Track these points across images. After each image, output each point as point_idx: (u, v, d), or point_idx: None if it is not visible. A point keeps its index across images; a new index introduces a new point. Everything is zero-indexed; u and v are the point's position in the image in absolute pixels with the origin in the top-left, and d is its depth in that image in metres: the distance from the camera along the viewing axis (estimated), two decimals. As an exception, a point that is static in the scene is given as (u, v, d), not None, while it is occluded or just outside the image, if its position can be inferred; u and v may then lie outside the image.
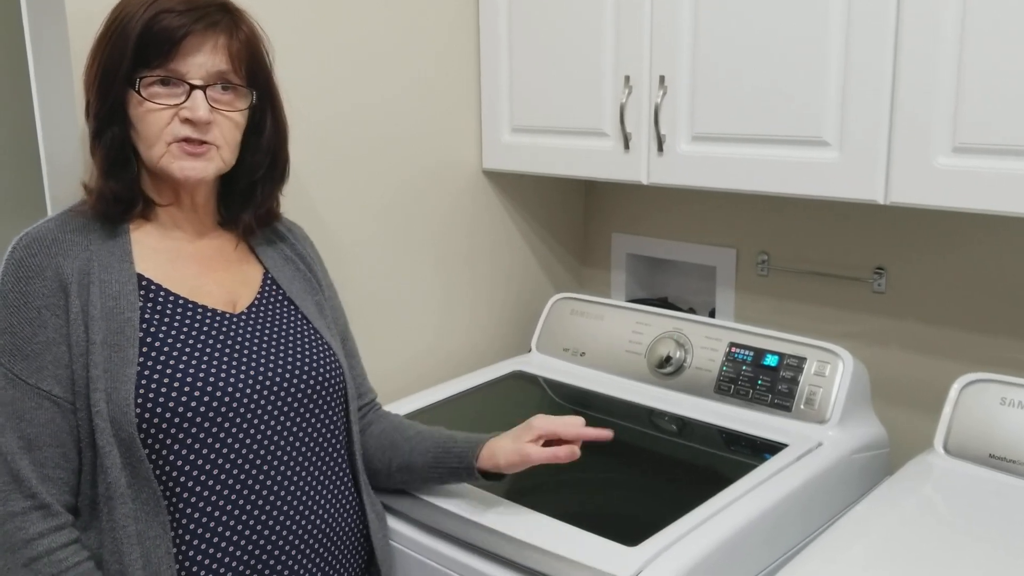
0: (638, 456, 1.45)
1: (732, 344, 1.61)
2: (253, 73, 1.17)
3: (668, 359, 1.66)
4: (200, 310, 1.15)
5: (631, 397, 1.65)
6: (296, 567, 1.15)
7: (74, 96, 1.28)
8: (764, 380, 1.55)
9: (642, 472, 1.40)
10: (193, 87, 1.09)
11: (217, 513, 1.09)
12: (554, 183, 2.06)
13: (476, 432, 1.27)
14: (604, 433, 1.19)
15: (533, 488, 1.31)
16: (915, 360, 1.66)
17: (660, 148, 1.58)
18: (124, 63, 1.08)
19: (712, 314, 1.94)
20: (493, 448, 1.20)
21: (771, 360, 1.56)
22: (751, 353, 1.59)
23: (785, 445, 1.43)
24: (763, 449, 1.43)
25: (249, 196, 1.24)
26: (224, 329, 1.15)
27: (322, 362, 1.21)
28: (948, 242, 1.60)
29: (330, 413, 1.22)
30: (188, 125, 1.10)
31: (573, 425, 1.19)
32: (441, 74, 1.78)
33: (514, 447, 1.18)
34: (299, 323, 1.23)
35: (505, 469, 1.19)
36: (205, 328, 1.14)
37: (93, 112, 1.11)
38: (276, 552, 1.13)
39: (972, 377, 1.38)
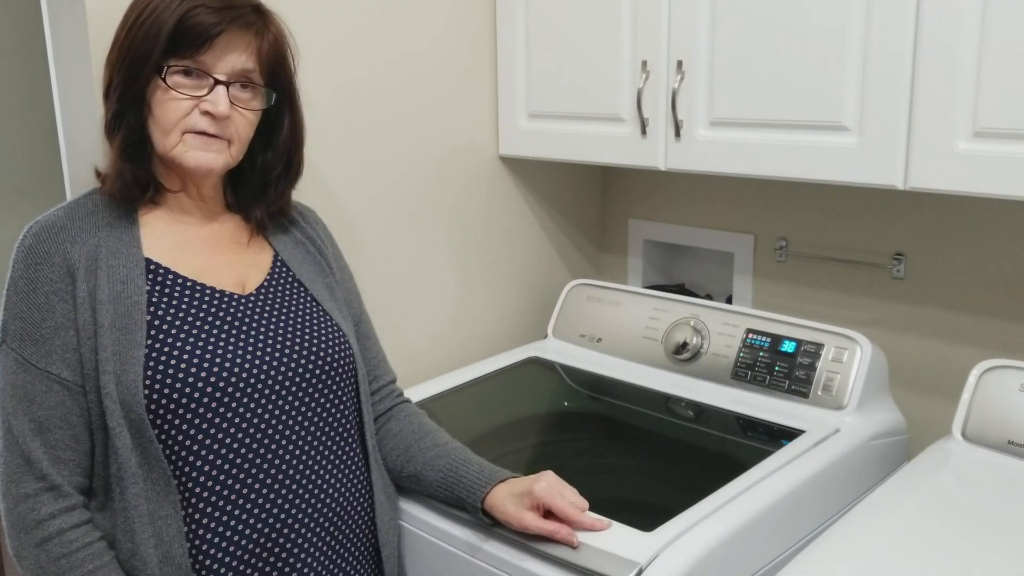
0: (655, 442, 1.45)
1: (749, 330, 1.61)
2: (275, 75, 1.19)
3: (685, 345, 1.66)
4: (209, 291, 1.16)
5: (648, 383, 1.65)
6: (306, 545, 1.16)
7: (93, 84, 1.29)
8: (781, 366, 1.55)
9: (659, 458, 1.40)
10: (217, 82, 1.11)
11: (227, 492, 1.11)
12: (571, 169, 2.05)
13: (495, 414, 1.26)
14: (600, 526, 1.17)
15: (549, 473, 1.31)
16: (934, 346, 1.65)
17: (677, 133, 1.57)
18: (156, 50, 1.09)
19: (729, 301, 1.93)
20: (495, 500, 1.20)
21: (788, 346, 1.55)
22: (768, 339, 1.58)
23: (802, 431, 1.43)
24: (780, 435, 1.42)
25: (262, 194, 1.25)
26: (232, 310, 1.16)
27: (331, 343, 1.22)
28: (968, 228, 1.59)
29: (339, 394, 1.23)
30: (207, 118, 1.12)
31: (573, 509, 1.16)
32: (458, 60, 1.78)
33: (514, 511, 1.17)
34: (308, 304, 1.24)
35: (503, 523, 1.19)
36: (213, 309, 1.15)
37: (117, 95, 1.12)
38: (286, 531, 1.14)
39: (991, 363, 1.37)
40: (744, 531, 1.19)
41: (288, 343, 1.18)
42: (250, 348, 1.15)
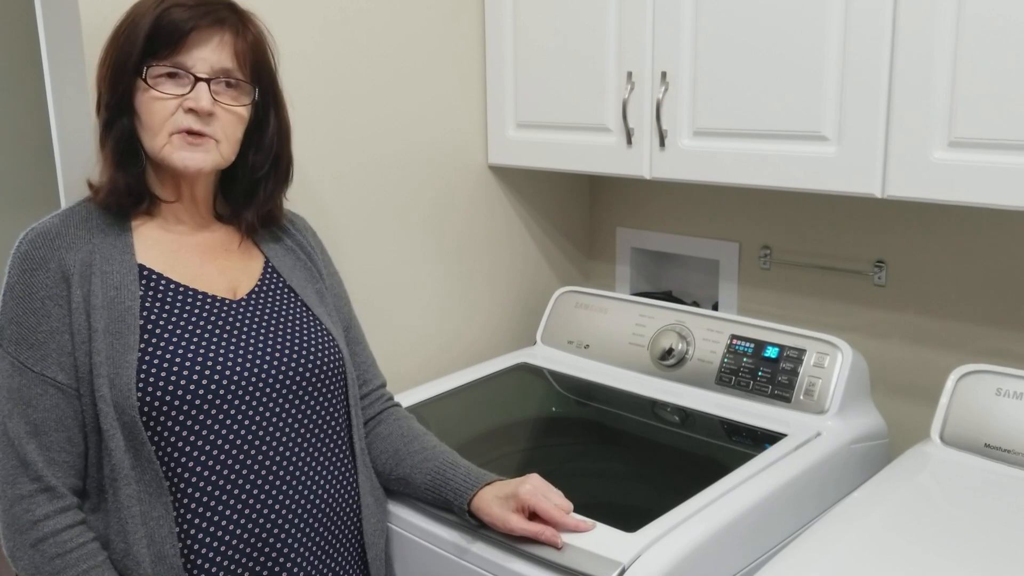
0: (640, 446, 1.47)
1: (733, 336, 1.64)
2: (257, 73, 1.21)
3: (670, 351, 1.68)
4: (200, 296, 1.18)
5: (634, 389, 1.67)
6: (296, 545, 1.18)
7: (87, 95, 1.31)
8: (764, 371, 1.57)
9: (643, 461, 1.42)
10: (198, 79, 1.13)
11: (218, 493, 1.13)
12: (559, 178, 2.08)
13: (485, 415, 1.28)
14: (584, 527, 1.19)
15: (536, 476, 1.33)
16: (915, 352, 1.68)
17: (662, 143, 1.60)
18: (134, 54, 1.12)
19: (715, 307, 1.96)
20: (481, 503, 1.22)
21: (771, 352, 1.58)
22: (752, 345, 1.61)
23: (784, 435, 1.45)
24: (762, 439, 1.45)
25: (252, 195, 1.27)
26: (223, 315, 1.19)
27: (321, 347, 1.25)
28: (947, 236, 1.62)
29: (329, 397, 1.25)
30: (191, 115, 1.14)
31: (557, 511, 1.19)
32: (447, 70, 1.81)
33: (500, 513, 1.19)
34: (299, 310, 1.27)
35: (488, 524, 1.22)
36: (205, 314, 1.17)
37: (104, 103, 1.15)
38: (275, 531, 1.16)
39: (968, 368, 1.39)
40: (725, 532, 1.21)
41: (279, 347, 1.20)
42: (241, 352, 1.17)
